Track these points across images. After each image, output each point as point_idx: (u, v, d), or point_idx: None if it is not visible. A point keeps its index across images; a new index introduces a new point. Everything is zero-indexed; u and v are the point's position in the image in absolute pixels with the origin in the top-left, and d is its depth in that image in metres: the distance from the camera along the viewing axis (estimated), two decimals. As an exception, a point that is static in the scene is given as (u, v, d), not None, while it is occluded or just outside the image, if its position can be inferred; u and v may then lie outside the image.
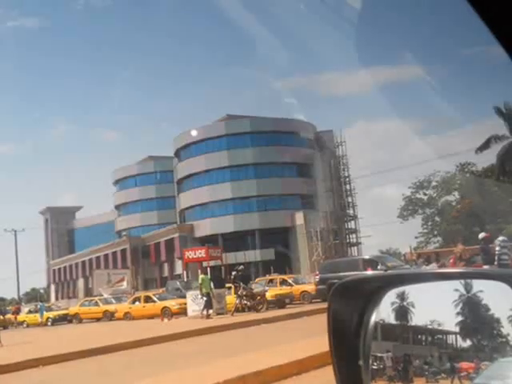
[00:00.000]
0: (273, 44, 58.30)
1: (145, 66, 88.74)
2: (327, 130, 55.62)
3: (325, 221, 49.00)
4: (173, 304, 26.19)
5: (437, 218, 57.92)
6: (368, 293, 1.31)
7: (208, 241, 49.48)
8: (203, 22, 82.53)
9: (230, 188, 54.06)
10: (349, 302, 1.31)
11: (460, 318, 1.17)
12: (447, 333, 1.19)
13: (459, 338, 1.17)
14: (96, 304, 33.32)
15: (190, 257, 28.23)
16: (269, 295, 23.61)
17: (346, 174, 54.05)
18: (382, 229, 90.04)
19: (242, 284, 22.46)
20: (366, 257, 24.23)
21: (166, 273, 58.96)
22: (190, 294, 23.68)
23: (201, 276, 22.67)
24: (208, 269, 26.47)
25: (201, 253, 27.57)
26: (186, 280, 34.79)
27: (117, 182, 70.31)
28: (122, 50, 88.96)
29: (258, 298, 22.53)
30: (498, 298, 1.12)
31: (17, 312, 39.41)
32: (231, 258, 43.89)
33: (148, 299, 28.53)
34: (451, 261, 17.54)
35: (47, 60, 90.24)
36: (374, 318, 1.29)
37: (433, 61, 43.62)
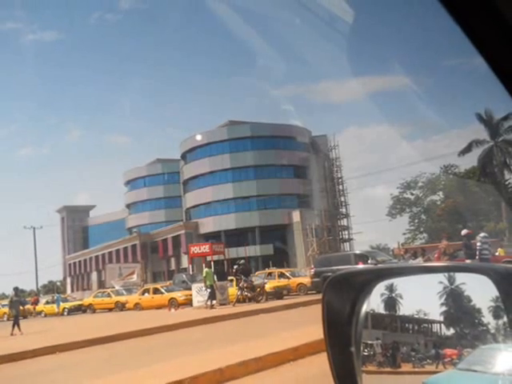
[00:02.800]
0: (271, 55, 58.35)
1: (153, 75, 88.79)
2: (322, 134, 55.71)
3: (319, 219, 48.97)
4: (179, 295, 26.20)
5: (423, 216, 57.94)
6: (359, 285, 1.31)
7: (211, 237, 49.51)
8: (208, 35, 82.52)
9: (231, 188, 54.03)
10: (342, 294, 1.31)
11: (444, 308, 1.18)
12: (432, 322, 1.19)
13: (443, 327, 1.17)
14: (108, 295, 33.28)
15: (195, 252, 28.14)
16: (268, 287, 23.58)
17: (339, 176, 54.12)
18: (372, 226, 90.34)
19: (243, 277, 22.42)
20: (358, 252, 24.20)
21: (172, 266, 58.92)
22: (195, 286, 23.68)
23: (205, 269, 22.64)
24: (212, 263, 26.33)
25: (205, 248, 27.45)
26: (191, 273, 34.71)
27: (127, 183, 70.31)
28: (133, 61, 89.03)
29: (258, 289, 22.51)
30: (478, 290, 1.13)
31: (35, 303, 39.43)
32: (233, 252, 43.81)
33: (156, 291, 28.54)
34: (436, 255, 17.51)
35: (63, 70, 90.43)
36: (364, 309, 1.29)
37: (419, 71, 43.70)
